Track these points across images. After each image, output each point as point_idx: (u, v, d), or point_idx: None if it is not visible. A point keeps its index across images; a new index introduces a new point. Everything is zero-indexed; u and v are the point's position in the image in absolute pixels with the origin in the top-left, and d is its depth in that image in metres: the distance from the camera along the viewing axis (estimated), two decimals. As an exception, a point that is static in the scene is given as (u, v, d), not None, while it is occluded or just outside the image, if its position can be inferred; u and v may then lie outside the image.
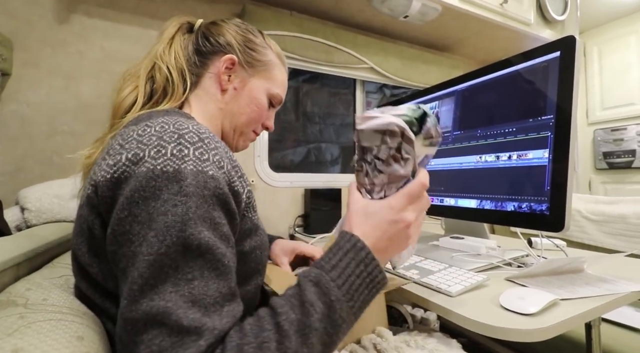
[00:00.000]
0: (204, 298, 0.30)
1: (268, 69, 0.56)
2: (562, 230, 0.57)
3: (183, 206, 0.31)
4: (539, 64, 0.66)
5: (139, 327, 0.28)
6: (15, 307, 0.29)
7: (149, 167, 0.31)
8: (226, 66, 0.52)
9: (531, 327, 0.41)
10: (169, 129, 0.35)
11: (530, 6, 1.40)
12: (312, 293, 0.33)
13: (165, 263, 0.29)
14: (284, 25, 1.20)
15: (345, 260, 0.35)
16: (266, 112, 0.58)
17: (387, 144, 0.38)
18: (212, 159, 0.35)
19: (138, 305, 0.28)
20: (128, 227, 0.30)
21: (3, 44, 0.83)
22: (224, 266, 0.33)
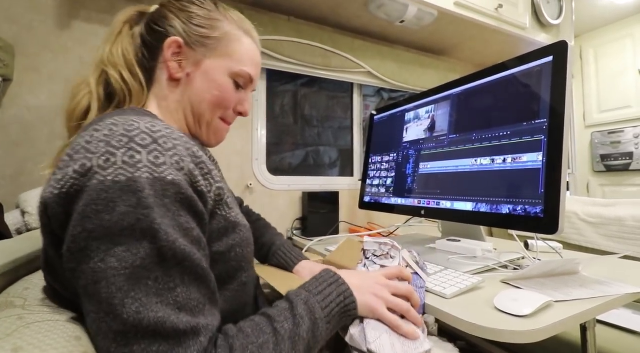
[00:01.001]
0: (189, 302, 0.31)
1: (224, 45, 0.48)
2: (556, 232, 0.57)
3: (147, 219, 0.29)
4: (532, 69, 0.67)
5: (129, 339, 0.28)
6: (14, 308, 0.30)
7: (100, 179, 0.29)
8: (172, 52, 0.46)
9: (525, 329, 0.41)
10: (117, 132, 0.32)
11: (525, 10, 1.42)
12: (302, 310, 0.38)
13: (144, 275, 0.29)
14: (282, 30, 1.21)
15: (328, 289, 0.42)
16: (233, 95, 0.50)
17: (382, 248, 0.59)
18: (169, 161, 0.33)
19: (124, 318, 0.27)
20: (84, 244, 0.28)
21: (5, 49, 0.84)
22: (203, 270, 0.33)
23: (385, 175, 1.05)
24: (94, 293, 0.28)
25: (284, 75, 1.39)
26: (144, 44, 0.48)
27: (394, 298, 0.45)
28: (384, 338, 0.41)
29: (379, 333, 0.42)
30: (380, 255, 0.57)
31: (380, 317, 0.43)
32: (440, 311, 0.48)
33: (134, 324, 0.27)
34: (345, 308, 0.42)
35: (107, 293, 0.28)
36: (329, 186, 1.41)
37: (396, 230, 1.14)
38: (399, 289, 0.47)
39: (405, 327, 0.43)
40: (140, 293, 0.28)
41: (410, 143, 0.97)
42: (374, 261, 0.57)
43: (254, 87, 0.54)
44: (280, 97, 1.42)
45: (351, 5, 1.21)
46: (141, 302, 0.28)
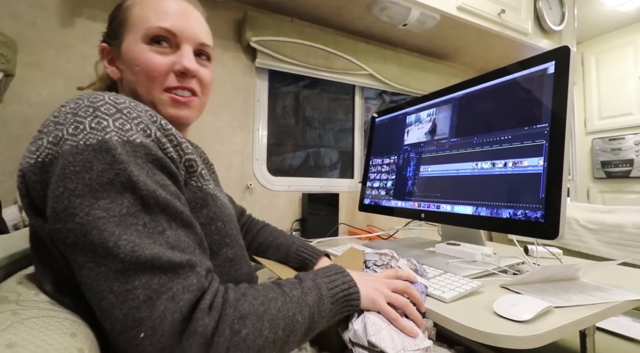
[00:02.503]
0: (180, 244, 0.33)
1: (127, 20, 0.45)
2: (556, 237, 0.57)
3: (124, 172, 0.31)
4: (534, 73, 0.67)
5: (129, 276, 0.29)
6: (8, 303, 0.30)
7: (72, 144, 0.31)
8: (104, 58, 0.49)
9: (524, 334, 0.41)
10: (82, 104, 0.33)
11: (528, 16, 1.42)
12: (310, 284, 0.41)
13: (132, 222, 0.30)
14: (284, 31, 1.21)
15: (335, 276, 0.44)
16: (158, 60, 0.44)
17: (382, 259, 0.60)
18: (135, 128, 0.34)
19: (121, 257, 0.29)
20: (67, 202, 0.29)
21: (7, 45, 0.84)
22: (187, 217, 0.35)
23: (386, 177, 1.04)
24: (87, 244, 0.29)
25: (286, 76, 1.39)
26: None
27: (393, 294, 0.47)
28: (384, 333, 0.42)
29: (378, 327, 0.42)
30: (381, 265, 0.59)
31: (380, 310, 0.45)
32: (438, 315, 0.48)
33: (131, 261, 0.29)
34: (349, 296, 0.43)
35: (100, 238, 0.29)
36: (329, 188, 1.41)
37: (396, 232, 1.13)
38: (397, 285, 0.49)
39: (402, 321, 0.44)
40: (132, 236, 0.30)
41: (411, 146, 0.97)
42: (374, 269, 0.58)
43: (183, 39, 0.46)
44: (281, 97, 1.42)
45: (354, 8, 1.22)
46: (135, 242, 0.29)
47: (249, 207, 1.23)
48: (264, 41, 1.17)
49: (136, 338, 0.28)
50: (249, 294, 0.35)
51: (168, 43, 0.45)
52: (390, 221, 1.42)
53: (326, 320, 0.41)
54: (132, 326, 0.28)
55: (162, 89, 0.45)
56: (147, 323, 0.28)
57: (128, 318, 0.28)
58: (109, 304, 0.29)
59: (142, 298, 0.29)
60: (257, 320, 0.34)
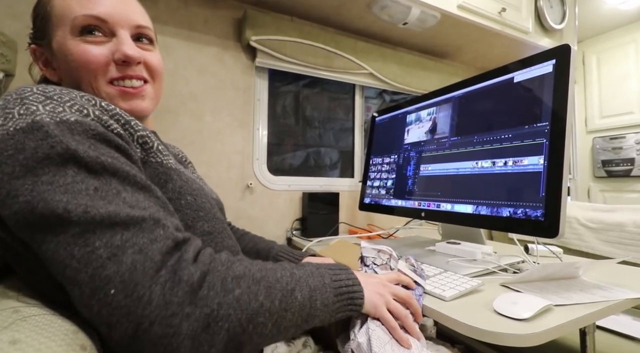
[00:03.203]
0: (139, 203, 0.30)
1: (49, 15, 0.42)
2: (556, 236, 0.57)
3: (60, 145, 0.29)
4: (534, 71, 0.67)
5: (87, 238, 0.27)
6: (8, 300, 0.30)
7: (2, 133, 0.29)
8: (36, 60, 0.45)
9: (524, 332, 0.41)
10: (11, 98, 0.32)
11: (528, 15, 1.42)
12: (314, 269, 0.39)
13: (81, 188, 0.28)
14: (284, 30, 1.21)
15: (339, 272, 0.42)
16: (94, 51, 0.41)
17: (380, 257, 0.58)
18: (68, 110, 0.32)
19: (74, 220, 0.27)
20: (8, 186, 0.28)
21: (7, 45, 0.85)
22: (142, 181, 0.32)
23: (386, 176, 1.05)
24: (37, 219, 0.27)
25: (286, 76, 1.39)
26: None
27: (394, 302, 0.46)
28: (387, 348, 0.41)
29: (382, 342, 0.42)
30: (381, 265, 0.58)
31: (381, 317, 0.44)
32: (439, 313, 0.48)
33: (86, 222, 0.27)
34: (353, 294, 0.41)
35: (48, 208, 0.27)
36: (330, 187, 1.41)
37: (396, 232, 1.13)
38: (399, 293, 0.48)
39: (400, 332, 0.43)
40: (83, 200, 0.28)
41: (411, 145, 0.97)
42: (375, 270, 0.56)
43: (116, 25, 0.43)
44: (282, 97, 1.42)
45: (354, 6, 1.22)
46: (87, 205, 0.28)
47: (250, 206, 1.23)
48: (264, 40, 1.17)
49: (107, 296, 0.26)
50: (245, 260, 0.34)
51: (101, 31, 0.42)
52: (391, 220, 1.42)
53: (328, 313, 0.38)
54: (100, 285, 0.26)
55: (106, 81, 0.42)
56: (116, 279, 0.26)
57: (95, 279, 0.26)
58: (73, 270, 0.27)
59: (106, 256, 0.27)
60: (252, 283, 0.31)
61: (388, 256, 0.59)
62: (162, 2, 1.11)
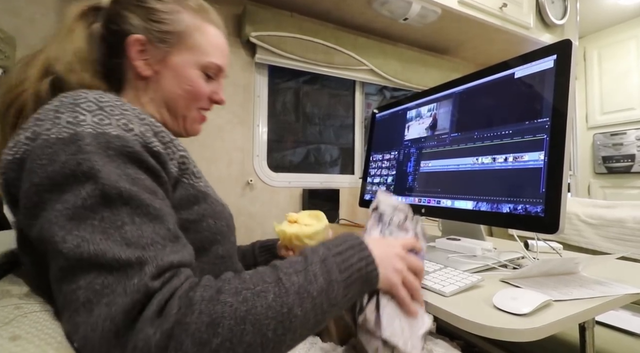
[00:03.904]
0: (140, 239, 0.29)
1: (187, 38, 0.47)
2: (556, 232, 0.57)
3: (88, 162, 0.29)
4: (535, 67, 0.66)
5: (73, 274, 0.26)
6: (10, 297, 0.30)
7: (44, 138, 0.30)
8: (137, 50, 0.44)
9: (523, 327, 0.41)
10: (66, 101, 0.33)
11: (529, 10, 1.41)
12: (317, 267, 0.34)
13: (88, 215, 0.28)
14: (284, 26, 1.21)
15: (349, 252, 0.38)
16: (205, 86, 0.49)
17: (397, 215, 0.52)
18: (114, 123, 0.33)
19: (65, 253, 0.26)
20: (35, 198, 0.29)
21: (6, 41, 0.84)
22: (156, 210, 0.31)
23: (386, 173, 1.04)
24: (44, 240, 0.28)
25: (286, 72, 1.39)
26: (106, 43, 0.45)
27: (409, 276, 0.44)
28: (396, 324, 0.41)
29: (392, 319, 0.41)
30: (399, 224, 0.52)
31: (396, 294, 0.42)
32: (439, 309, 0.48)
33: (74, 257, 0.26)
34: (367, 276, 0.39)
35: (49, 232, 0.27)
36: (330, 183, 1.41)
37: (396, 228, 1.13)
38: (415, 266, 0.46)
39: (411, 304, 0.43)
40: (84, 232, 0.27)
41: (411, 141, 0.97)
42: (392, 231, 0.51)
43: (225, 75, 0.54)
44: (282, 93, 1.41)
45: (354, 2, 1.21)
46: (83, 238, 0.27)
47: (250, 203, 1.23)
48: (264, 36, 1.16)
49: (74, 342, 0.26)
50: (229, 289, 0.29)
51: (213, 75, 0.51)
52: (391, 217, 1.42)
53: (339, 307, 0.36)
54: (72, 330, 0.26)
55: (197, 108, 0.50)
56: (81, 331, 0.25)
57: (70, 322, 0.26)
58: (60, 305, 0.27)
59: (82, 300, 0.26)
60: (235, 324, 0.27)
61: (404, 217, 0.53)
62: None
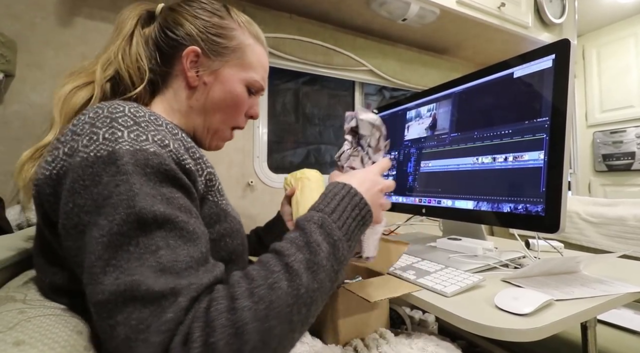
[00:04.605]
0: (175, 264, 0.29)
1: (240, 55, 0.49)
2: (557, 231, 0.57)
3: (125, 184, 0.29)
4: (534, 67, 0.66)
5: (110, 309, 0.26)
6: (14, 302, 0.30)
7: (83, 156, 0.30)
8: (191, 60, 0.46)
9: (525, 327, 0.41)
10: (102, 114, 0.33)
11: (528, 9, 1.41)
12: (318, 235, 0.35)
13: (123, 241, 0.28)
14: (283, 27, 1.21)
15: (342, 204, 0.39)
16: (247, 101, 0.51)
17: (374, 135, 0.49)
18: (151, 139, 0.33)
19: (103, 286, 0.26)
20: (77, 219, 0.29)
21: (7, 45, 0.84)
22: (190, 233, 0.31)
23: (386, 173, 1.05)
24: (81, 263, 0.28)
25: (285, 73, 1.39)
26: (158, 49, 0.47)
27: (386, 201, 0.47)
28: (370, 241, 0.45)
29: (368, 238, 0.45)
30: (374, 147, 0.51)
31: (376, 221, 0.45)
32: (440, 309, 0.48)
33: (112, 291, 0.26)
34: (363, 220, 0.40)
35: (89, 263, 0.27)
36: (330, 184, 1.40)
37: (397, 228, 1.13)
38: (389, 186, 0.47)
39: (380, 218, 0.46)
40: (121, 260, 0.27)
41: (411, 141, 0.97)
42: (370, 156, 0.51)
43: (263, 93, 0.55)
44: (281, 95, 1.42)
45: (353, 3, 1.21)
46: (122, 268, 0.27)
47: (250, 204, 1.23)
48: (263, 38, 1.16)
49: None
50: (241, 293, 0.29)
51: (255, 91, 0.53)
52: (392, 217, 1.41)
53: (347, 258, 0.38)
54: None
55: (232, 126, 0.53)
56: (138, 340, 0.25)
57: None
58: (105, 336, 0.27)
59: (123, 337, 0.26)
60: (260, 325, 0.28)
61: (379, 135, 0.51)
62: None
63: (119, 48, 0.44)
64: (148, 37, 0.47)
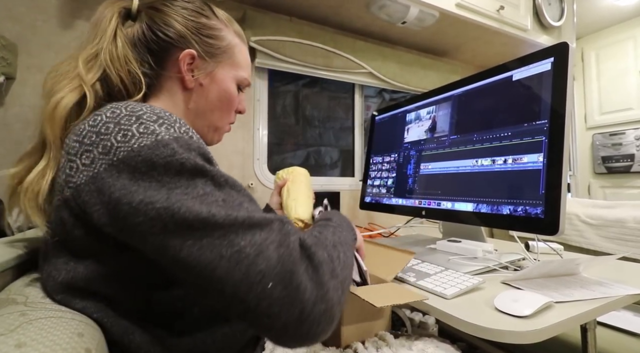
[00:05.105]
0: (258, 211, 0.34)
1: (230, 54, 0.51)
2: (556, 233, 0.57)
3: (188, 161, 0.32)
4: (533, 70, 0.67)
5: (232, 238, 0.30)
6: (16, 305, 0.30)
7: (127, 150, 0.31)
8: (187, 63, 0.47)
9: (524, 329, 0.42)
10: (122, 113, 0.34)
11: (527, 12, 1.42)
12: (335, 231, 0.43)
13: (212, 200, 0.31)
14: (283, 30, 1.21)
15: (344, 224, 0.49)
16: (237, 99, 0.54)
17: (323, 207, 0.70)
18: (178, 130, 0.35)
19: (220, 222, 0.30)
20: (142, 196, 0.29)
21: (8, 48, 0.85)
22: (250, 194, 0.37)
23: (386, 175, 1.05)
24: (179, 224, 0.29)
25: (285, 76, 1.39)
26: (149, 51, 0.46)
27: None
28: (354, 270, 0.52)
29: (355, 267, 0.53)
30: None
31: (360, 248, 0.55)
32: (440, 311, 0.49)
33: (230, 224, 0.30)
34: (354, 243, 0.49)
35: (192, 214, 0.29)
36: (330, 186, 1.41)
37: (397, 230, 1.14)
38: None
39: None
40: (218, 208, 0.31)
41: (411, 144, 0.97)
42: None
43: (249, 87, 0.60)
44: (281, 97, 1.42)
45: (353, 6, 1.22)
46: (225, 210, 0.31)
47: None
48: (263, 41, 1.17)
49: (265, 289, 0.28)
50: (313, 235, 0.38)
51: (242, 88, 0.55)
52: (392, 219, 1.42)
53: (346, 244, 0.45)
54: (256, 280, 0.29)
55: (227, 122, 0.55)
56: (270, 273, 0.29)
57: (249, 275, 0.29)
58: (224, 270, 0.29)
59: (254, 253, 0.29)
60: (331, 247, 0.37)
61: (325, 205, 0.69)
62: None
63: (104, 49, 0.42)
64: (134, 38, 0.46)
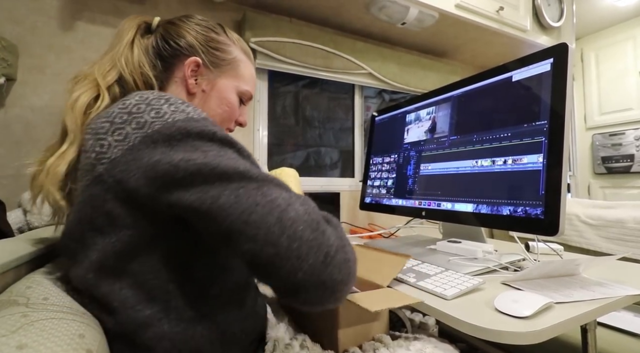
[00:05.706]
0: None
1: (234, 67, 0.55)
2: (556, 234, 0.57)
3: (220, 132, 0.36)
4: (533, 70, 0.67)
5: (265, 191, 0.33)
6: (17, 306, 0.30)
7: (162, 124, 0.34)
8: (191, 69, 0.51)
9: (525, 330, 0.42)
10: (149, 97, 0.37)
11: (526, 13, 1.42)
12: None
13: (242, 162, 0.35)
14: (283, 31, 1.22)
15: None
16: (237, 109, 0.57)
17: None
18: (202, 113, 0.38)
19: (255, 177, 0.34)
20: (182, 155, 0.33)
21: (8, 49, 0.85)
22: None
23: (386, 176, 1.05)
24: (219, 175, 0.33)
25: (285, 76, 1.39)
26: (159, 57, 0.51)
27: None
28: None
29: None
30: None
31: None
32: (440, 312, 0.49)
33: (263, 179, 0.34)
34: None
35: (230, 167, 0.33)
36: (330, 187, 1.41)
37: (397, 231, 1.14)
38: None
39: None
40: (251, 166, 0.35)
41: (411, 144, 0.97)
42: None
43: (251, 101, 0.64)
44: (281, 98, 1.42)
45: (353, 7, 1.22)
46: (257, 169, 0.35)
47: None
48: (263, 42, 1.17)
49: (296, 231, 0.32)
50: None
51: (244, 101, 0.58)
52: (392, 219, 1.42)
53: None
54: (288, 224, 0.32)
55: (224, 128, 0.57)
56: (300, 219, 0.33)
57: (282, 220, 0.32)
58: (260, 215, 0.32)
59: (285, 204, 0.33)
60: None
61: None
62: (163, 4, 1.11)
63: (121, 54, 0.47)
64: (148, 45, 0.51)
